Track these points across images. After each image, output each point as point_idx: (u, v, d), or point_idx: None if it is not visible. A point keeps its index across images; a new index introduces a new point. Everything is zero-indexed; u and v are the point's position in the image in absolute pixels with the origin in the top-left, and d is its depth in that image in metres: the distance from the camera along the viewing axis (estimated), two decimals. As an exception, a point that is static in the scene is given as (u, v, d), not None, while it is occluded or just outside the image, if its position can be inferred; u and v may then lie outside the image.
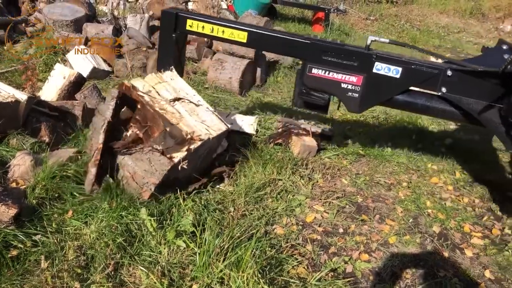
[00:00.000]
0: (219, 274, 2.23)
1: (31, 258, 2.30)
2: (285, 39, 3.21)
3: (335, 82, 3.13)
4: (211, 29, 3.22)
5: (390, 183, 3.71)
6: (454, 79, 2.98)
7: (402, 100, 3.18)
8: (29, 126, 3.42)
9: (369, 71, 3.07)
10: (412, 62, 3.02)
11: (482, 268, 2.81)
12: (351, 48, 3.11)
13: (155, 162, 2.73)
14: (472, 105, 3.00)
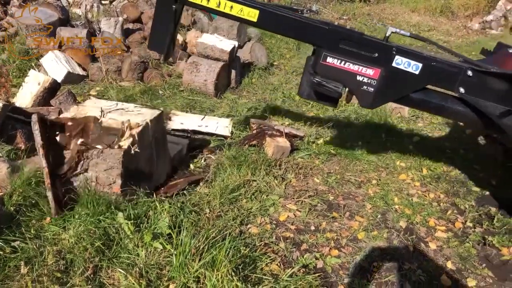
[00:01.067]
0: (195, 273, 2.33)
1: (10, 264, 2.36)
2: (301, 22, 2.90)
3: (350, 74, 2.95)
4: (218, 3, 2.89)
5: (360, 181, 3.86)
6: (474, 79, 2.88)
7: (417, 98, 3.05)
8: (4, 133, 3.45)
9: (388, 65, 2.90)
10: (433, 58, 2.90)
11: (444, 260, 2.98)
12: (371, 38, 2.93)
13: (109, 157, 2.80)
14: (489, 108, 2.92)
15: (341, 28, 2.95)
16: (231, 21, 6.76)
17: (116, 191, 2.83)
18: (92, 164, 2.83)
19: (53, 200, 2.69)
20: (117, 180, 2.81)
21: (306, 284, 2.49)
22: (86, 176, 2.82)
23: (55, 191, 2.72)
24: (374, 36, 3.02)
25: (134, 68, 5.67)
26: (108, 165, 2.80)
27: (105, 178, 2.82)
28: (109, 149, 2.82)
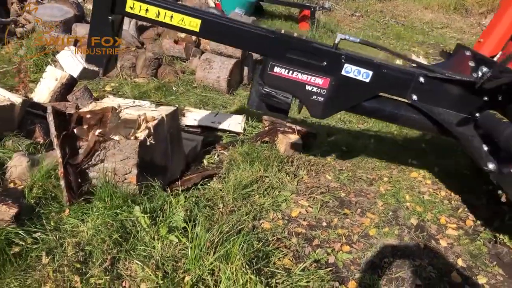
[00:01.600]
0: (210, 266, 2.39)
1: (32, 254, 2.45)
2: (246, 31, 2.74)
3: (299, 84, 2.83)
4: (157, 13, 2.66)
5: (372, 178, 3.90)
6: (426, 86, 2.81)
7: (369, 106, 2.97)
8: (24, 128, 3.54)
9: (337, 73, 2.79)
10: (384, 65, 2.81)
11: (455, 257, 3.01)
12: (318, 46, 2.78)
13: (125, 148, 2.88)
14: (443, 115, 2.86)
15: (287, 36, 2.78)
16: (244, 17, 6.82)
17: (132, 181, 2.92)
18: (109, 154, 2.92)
19: (66, 189, 2.78)
20: (133, 170, 2.89)
21: (318, 279, 2.54)
22: (104, 167, 2.90)
23: (68, 180, 2.81)
24: (323, 44, 2.89)
25: (148, 64, 5.74)
26: (125, 155, 2.88)
27: (121, 168, 2.90)
28: (126, 140, 2.90)
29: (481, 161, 2.84)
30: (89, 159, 2.95)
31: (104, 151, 2.91)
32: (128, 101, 3.30)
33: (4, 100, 3.35)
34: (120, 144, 2.88)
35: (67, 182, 2.80)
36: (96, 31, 2.79)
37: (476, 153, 2.87)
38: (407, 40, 10.51)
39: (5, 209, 2.54)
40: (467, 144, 2.91)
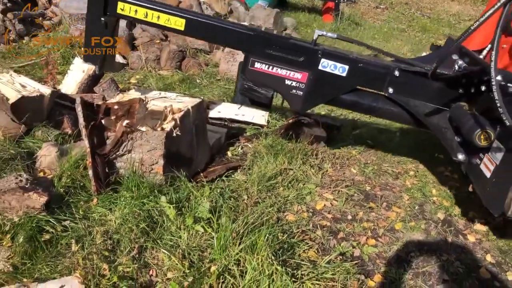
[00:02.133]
0: (236, 256, 2.40)
1: (62, 241, 2.50)
2: (227, 29, 2.89)
3: (278, 78, 2.95)
4: (145, 13, 2.83)
5: (398, 172, 3.85)
6: (401, 79, 2.87)
7: (348, 99, 3.06)
8: (52, 118, 3.61)
9: (314, 68, 2.89)
10: (360, 60, 2.89)
11: (483, 253, 2.96)
12: (296, 42, 2.91)
13: (152, 139, 2.91)
14: (419, 107, 2.92)
15: (266, 33, 2.91)
16: (268, 10, 6.79)
17: (159, 171, 2.95)
18: (136, 145, 2.96)
19: (94, 178, 2.82)
20: (159, 160, 2.93)
21: (343, 271, 2.53)
22: (131, 157, 2.95)
23: (95, 170, 2.86)
24: (302, 40, 2.99)
25: (173, 57, 5.78)
26: (151, 146, 2.92)
27: (148, 158, 2.94)
28: (152, 130, 2.93)
29: (452, 152, 2.93)
30: (116, 149, 2.99)
31: (132, 142, 2.95)
32: (155, 92, 3.34)
33: (34, 91, 3.42)
34: (147, 135, 2.92)
35: (95, 171, 2.85)
36: (91, 31, 2.98)
37: (448, 144, 2.95)
38: (433, 33, 10.31)
39: (36, 197, 2.59)
40: (440, 136, 2.97)
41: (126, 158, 2.98)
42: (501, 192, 2.57)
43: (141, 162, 2.93)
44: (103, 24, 2.92)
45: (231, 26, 2.91)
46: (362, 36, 8.72)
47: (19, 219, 2.52)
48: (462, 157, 2.89)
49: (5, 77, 3.50)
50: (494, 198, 2.65)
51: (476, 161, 2.82)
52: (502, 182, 2.59)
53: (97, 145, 2.97)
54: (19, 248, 2.39)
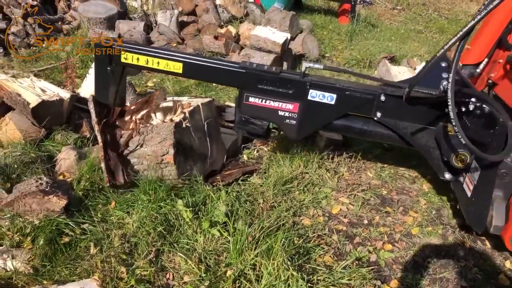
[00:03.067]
0: (252, 261, 2.42)
1: (81, 244, 2.55)
2: (220, 69, 3.05)
3: (272, 110, 3.08)
4: (146, 61, 3.03)
5: (415, 176, 3.81)
6: (388, 104, 2.96)
7: (340, 124, 3.14)
8: (72, 122, 3.68)
9: (304, 99, 3.02)
10: (346, 88, 2.98)
11: (502, 259, 2.91)
12: (285, 76, 3.02)
13: (162, 130, 3.00)
14: (407, 129, 3.00)
15: (257, 69, 3.03)
16: (283, 12, 6.79)
17: (170, 161, 3.01)
18: (147, 139, 3.04)
19: (106, 170, 2.89)
20: (169, 150, 2.99)
21: (359, 277, 2.52)
22: (144, 151, 3.03)
23: (107, 162, 2.93)
24: (291, 72, 3.13)
25: (189, 60, 5.82)
26: (162, 137, 3.00)
27: (159, 150, 3.01)
28: (162, 122, 3.03)
29: (439, 172, 3.02)
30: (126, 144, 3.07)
31: (143, 136, 3.01)
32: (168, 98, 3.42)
33: (54, 95, 3.49)
34: (158, 127, 3.00)
35: (107, 164, 2.92)
36: (99, 78, 3.17)
37: (435, 164, 3.02)
38: (451, 34, 10.10)
39: (56, 201, 2.65)
40: (428, 156, 3.03)
41: (138, 153, 3.04)
42: (481, 210, 2.69)
43: (153, 154, 3.00)
44: (110, 72, 3.11)
45: (224, 66, 3.06)
46: (378, 38, 8.66)
47: (39, 222, 2.57)
48: (449, 176, 2.99)
49: (26, 81, 3.58)
50: (476, 216, 2.75)
51: (460, 180, 2.94)
52: (481, 201, 2.69)
53: (110, 142, 3.04)
54: (39, 251, 2.44)
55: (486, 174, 2.66)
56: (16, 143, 3.32)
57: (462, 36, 2.29)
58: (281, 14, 6.68)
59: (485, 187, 2.67)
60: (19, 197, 2.64)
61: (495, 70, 3.25)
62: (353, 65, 6.84)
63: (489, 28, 3.26)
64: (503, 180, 2.63)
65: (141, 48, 3.07)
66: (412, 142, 3.02)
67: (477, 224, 2.77)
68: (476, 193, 2.73)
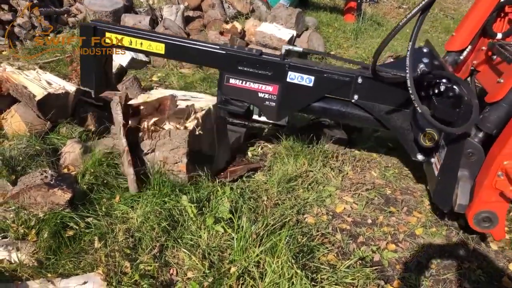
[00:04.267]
0: (256, 258, 2.41)
1: (85, 238, 2.55)
2: (201, 50, 3.06)
3: (252, 92, 3.11)
4: (130, 41, 3.06)
5: (419, 176, 3.80)
6: (365, 86, 2.99)
7: (318, 107, 3.17)
8: (77, 115, 3.67)
9: (283, 80, 3.05)
10: (325, 70, 3.02)
11: (506, 261, 2.90)
12: (265, 58, 3.05)
13: (175, 138, 2.98)
14: (383, 111, 3.04)
15: (237, 51, 3.06)
16: (290, 9, 6.77)
17: (182, 170, 3.00)
18: (160, 144, 3.00)
19: (136, 177, 2.87)
20: (183, 159, 2.98)
21: (363, 276, 2.51)
22: (155, 156, 3.00)
23: (135, 168, 2.90)
24: (271, 54, 3.14)
25: (194, 55, 5.80)
26: (174, 144, 2.97)
27: (171, 157, 3.00)
28: (175, 129, 2.98)
29: (411, 153, 3.10)
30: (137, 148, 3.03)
31: (155, 141, 2.98)
32: (178, 92, 3.37)
33: (59, 88, 3.48)
34: (171, 134, 2.95)
35: (136, 170, 2.89)
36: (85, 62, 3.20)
37: (408, 145, 3.09)
38: (457, 34, 10.12)
39: (60, 194, 2.64)
40: (401, 137, 3.10)
41: (148, 158, 3.02)
42: (447, 189, 2.80)
43: (164, 160, 2.96)
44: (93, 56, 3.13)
45: (204, 47, 3.08)
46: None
47: (44, 215, 2.57)
48: (421, 157, 3.07)
49: (32, 74, 3.58)
50: (442, 195, 2.86)
51: (431, 160, 3.02)
52: (447, 180, 2.80)
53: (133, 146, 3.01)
54: (43, 244, 2.44)
55: (452, 152, 2.74)
56: (21, 135, 3.32)
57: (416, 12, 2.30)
58: (287, 11, 6.66)
59: (451, 165, 2.76)
60: (24, 190, 2.64)
61: (478, 57, 3.29)
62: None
63: (473, 16, 3.29)
64: (469, 160, 2.74)
65: (125, 29, 3.11)
66: (388, 125, 3.09)
67: (443, 202, 2.88)
68: (442, 171, 2.80)
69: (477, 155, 2.73)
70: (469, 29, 3.31)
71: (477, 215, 2.75)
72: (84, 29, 3.12)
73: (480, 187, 2.69)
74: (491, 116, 2.69)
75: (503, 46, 3.00)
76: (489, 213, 2.74)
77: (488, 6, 3.20)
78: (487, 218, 2.76)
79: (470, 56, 3.40)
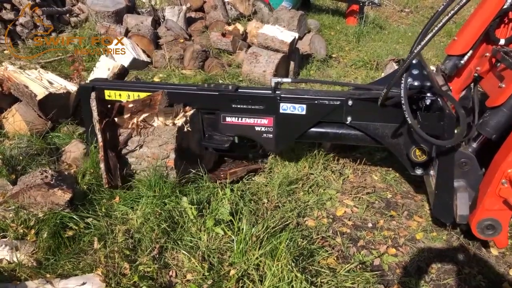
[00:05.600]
0: (256, 261, 2.41)
1: (84, 239, 2.55)
2: (196, 93, 3.21)
3: (249, 126, 3.21)
4: (128, 95, 3.20)
5: (420, 181, 3.78)
6: (356, 107, 3.03)
7: (315, 132, 3.22)
8: (78, 115, 3.66)
9: (277, 112, 3.14)
10: (315, 97, 3.08)
11: (507, 267, 2.89)
12: (256, 94, 3.17)
13: (164, 134, 3.02)
14: (378, 129, 3.07)
15: (229, 91, 3.17)
16: (292, 12, 6.76)
17: (170, 165, 3.01)
18: (148, 140, 3.04)
19: (105, 172, 2.89)
20: (171, 154, 3.01)
21: (363, 280, 2.50)
22: (143, 152, 3.04)
23: (107, 163, 2.92)
24: (261, 88, 3.31)
25: (196, 57, 5.81)
26: (163, 140, 3.01)
27: (159, 153, 3.02)
28: (164, 125, 3.04)
29: (409, 169, 3.08)
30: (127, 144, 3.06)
31: (143, 137, 3.02)
32: None
33: (61, 88, 3.49)
34: (159, 130, 3.01)
35: (106, 165, 2.91)
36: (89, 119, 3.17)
37: (405, 161, 3.07)
38: (459, 38, 10.11)
39: (60, 194, 2.64)
40: (398, 153, 3.10)
41: (137, 154, 3.04)
42: (445, 201, 2.80)
43: (152, 156, 2.99)
44: None
45: (198, 90, 3.22)
46: (386, 40, 8.63)
47: (44, 215, 2.57)
48: (419, 172, 3.05)
49: (33, 73, 3.57)
50: (441, 208, 2.86)
51: (429, 173, 3.01)
52: (443, 193, 2.80)
53: (110, 141, 3.02)
54: (43, 244, 2.43)
55: (444, 165, 2.75)
56: (22, 134, 3.32)
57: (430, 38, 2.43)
58: (290, 13, 6.66)
59: (445, 178, 2.76)
60: (24, 189, 2.64)
61: (482, 64, 3.25)
62: (360, 66, 6.81)
63: (476, 20, 3.24)
64: (463, 169, 2.74)
65: (122, 85, 3.28)
66: (383, 142, 3.10)
67: (444, 215, 2.88)
68: (438, 185, 2.81)
69: (470, 164, 2.73)
70: (471, 34, 3.29)
71: (480, 223, 2.73)
72: (83, 90, 3.21)
73: (484, 195, 2.66)
74: (491, 120, 2.68)
75: (507, 52, 2.98)
76: (493, 221, 2.71)
77: (491, 11, 3.17)
78: (491, 226, 2.73)
79: (471, 61, 3.37)
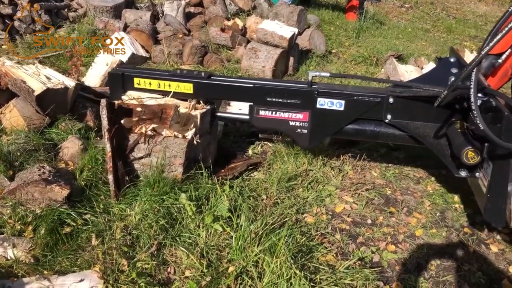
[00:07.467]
0: (254, 258, 2.39)
1: (82, 235, 2.53)
2: (229, 86, 3.15)
3: (283, 121, 3.15)
4: (158, 84, 3.14)
5: (419, 177, 3.78)
6: (397, 105, 2.97)
7: (351, 129, 3.16)
8: (76, 111, 3.64)
9: (313, 107, 3.07)
10: (354, 93, 3.02)
11: (506, 264, 2.88)
12: (293, 87, 3.10)
13: (173, 146, 2.93)
14: (419, 128, 3.00)
15: (263, 83, 3.13)
16: (291, 7, 6.73)
17: (178, 177, 2.96)
18: (156, 150, 2.95)
19: (114, 184, 2.80)
20: (178, 168, 2.94)
21: (362, 277, 2.49)
22: (151, 161, 2.96)
23: (116, 175, 2.83)
24: (297, 82, 3.20)
25: (195, 52, 5.79)
26: (171, 153, 2.93)
27: (167, 166, 2.95)
28: (174, 138, 2.93)
29: (453, 170, 2.99)
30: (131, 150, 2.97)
31: (151, 146, 2.94)
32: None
33: (58, 83, 3.45)
34: (168, 141, 2.92)
35: (115, 177, 2.82)
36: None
37: (448, 162, 3.00)
38: (459, 34, 10.11)
39: (58, 190, 2.62)
40: (441, 154, 3.03)
41: (143, 162, 2.98)
42: (498, 205, 2.67)
43: (159, 167, 2.92)
44: None
45: (232, 82, 3.15)
46: (386, 35, 8.60)
47: (41, 211, 2.55)
48: (464, 174, 2.95)
49: (31, 68, 3.55)
50: (493, 212, 2.72)
51: (476, 175, 2.89)
52: (497, 196, 2.67)
53: (117, 147, 2.91)
54: (40, 240, 2.42)
55: (499, 168, 2.64)
56: (19, 130, 3.30)
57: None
58: (289, 8, 6.63)
59: (500, 181, 2.64)
60: (21, 185, 2.62)
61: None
62: (360, 62, 6.79)
63: None
64: None
65: (153, 73, 3.17)
66: (425, 142, 3.02)
67: (496, 220, 2.75)
68: (491, 188, 2.69)
69: None
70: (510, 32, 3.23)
71: None
72: (113, 77, 3.20)
73: None
74: None
75: None
76: None
77: None
78: None
79: (509, 59, 3.29)
